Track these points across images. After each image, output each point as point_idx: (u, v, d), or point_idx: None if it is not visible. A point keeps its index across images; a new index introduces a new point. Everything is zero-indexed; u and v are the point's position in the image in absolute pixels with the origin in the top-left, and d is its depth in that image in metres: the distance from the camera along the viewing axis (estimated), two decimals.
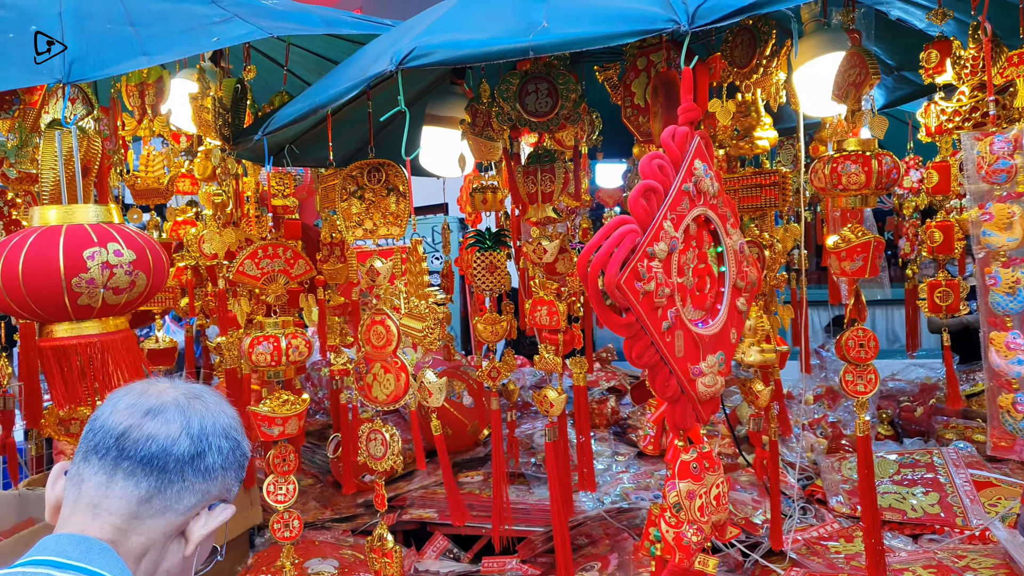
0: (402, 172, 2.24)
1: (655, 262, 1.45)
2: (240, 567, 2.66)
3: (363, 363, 2.19)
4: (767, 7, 1.58)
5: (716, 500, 1.64)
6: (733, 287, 1.65)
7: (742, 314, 1.68)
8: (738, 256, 1.67)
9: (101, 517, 0.99)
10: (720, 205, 1.66)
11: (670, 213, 1.50)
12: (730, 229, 1.68)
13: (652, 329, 1.46)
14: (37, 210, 1.86)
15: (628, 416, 3.72)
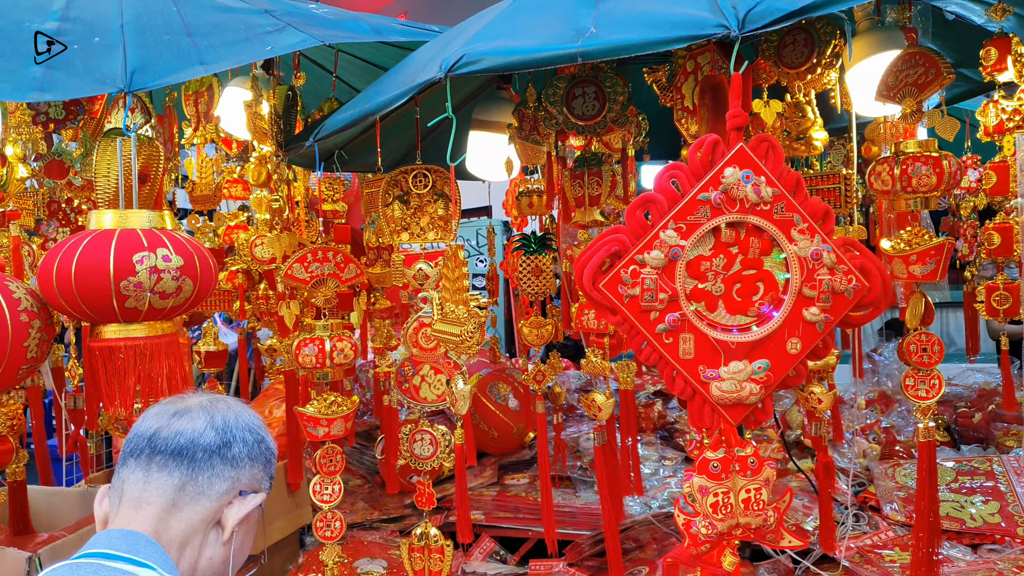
0: (450, 177, 2.26)
1: (647, 269, 1.59)
2: (291, 566, 2.72)
3: (409, 365, 2.22)
4: (820, 10, 1.56)
5: (745, 504, 1.63)
6: (799, 295, 1.62)
7: (814, 325, 1.63)
8: (807, 263, 1.62)
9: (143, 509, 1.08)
10: (779, 210, 1.63)
11: (675, 223, 1.60)
12: (796, 235, 1.64)
13: (644, 330, 1.61)
14: (94, 214, 1.92)
15: (675, 420, 3.69)
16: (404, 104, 2.05)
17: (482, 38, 1.86)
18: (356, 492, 3.24)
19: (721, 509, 1.61)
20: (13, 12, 2.04)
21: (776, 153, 1.68)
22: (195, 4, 2.26)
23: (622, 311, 1.60)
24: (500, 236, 5.37)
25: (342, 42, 2.29)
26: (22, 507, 2.36)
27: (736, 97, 1.66)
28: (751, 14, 1.55)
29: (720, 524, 1.62)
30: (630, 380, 2.61)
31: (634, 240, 1.61)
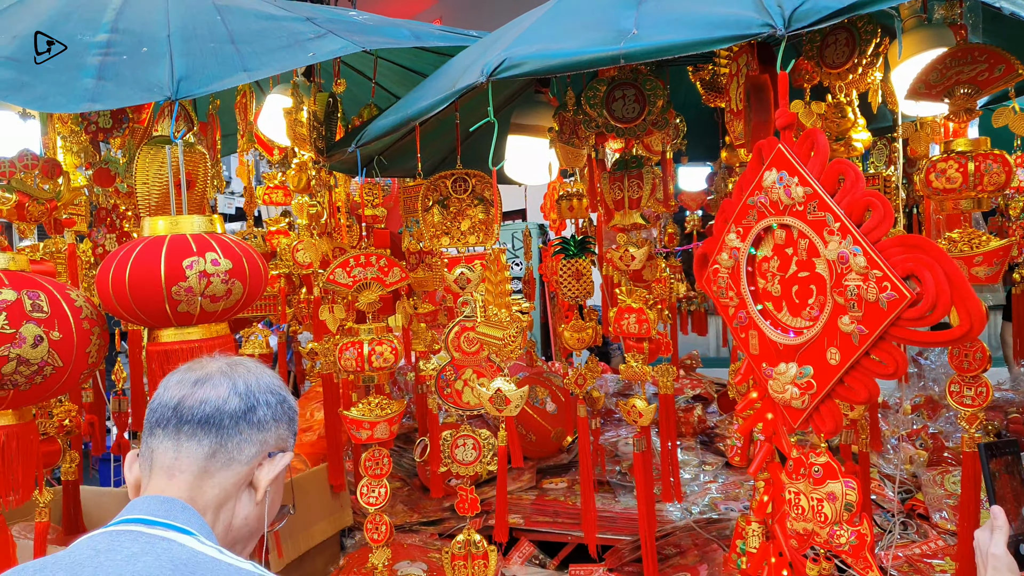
0: (490, 182, 2.27)
1: (722, 269, 1.71)
2: (332, 568, 2.74)
3: (450, 369, 2.23)
4: (868, 7, 1.53)
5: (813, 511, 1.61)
6: (833, 302, 1.56)
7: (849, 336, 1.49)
8: (835, 266, 1.51)
9: (176, 477, 1.09)
10: (812, 210, 1.59)
11: (734, 226, 1.68)
12: (828, 236, 1.60)
13: (728, 323, 1.74)
14: (148, 220, 1.96)
15: (715, 425, 3.65)
16: (443, 109, 2.06)
17: (523, 42, 1.86)
18: (395, 494, 3.26)
19: (793, 508, 1.62)
20: (66, 26, 2.08)
21: (820, 150, 1.65)
22: (239, 12, 2.29)
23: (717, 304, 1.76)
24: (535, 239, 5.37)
25: (382, 48, 2.30)
26: (75, 506, 2.41)
27: (783, 96, 1.64)
28: (797, 12, 1.53)
29: (794, 523, 1.63)
30: (670, 384, 2.59)
31: (715, 243, 1.75)
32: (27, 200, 2.44)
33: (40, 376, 1.69)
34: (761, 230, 1.67)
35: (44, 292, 1.70)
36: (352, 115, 2.95)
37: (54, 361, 1.70)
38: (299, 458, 2.82)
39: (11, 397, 1.68)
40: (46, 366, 1.68)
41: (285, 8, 2.42)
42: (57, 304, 1.72)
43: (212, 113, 2.89)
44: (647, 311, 2.29)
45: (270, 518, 1.18)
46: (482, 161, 2.63)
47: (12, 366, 1.62)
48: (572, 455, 3.41)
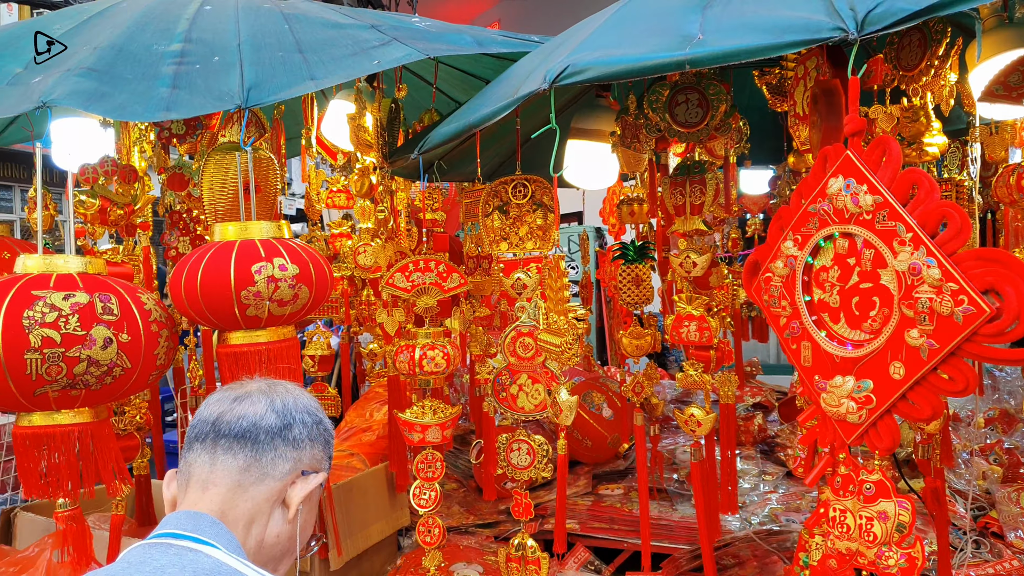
0: (549, 187, 2.26)
1: (775, 277, 1.68)
2: (389, 567, 2.78)
3: (506, 374, 2.23)
4: (946, 9, 1.48)
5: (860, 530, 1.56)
6: (901, 314, 1.50)
7: (917, 351, 1.44)
8: (905, 278, 1.46)
9: (210, 490, 1.12)
10: (882, 219, 1.55)
11: (792, 234, 1.65)
12: (898, 246, 1.54)
13: (777, 333, 1.72)
14: (218, 226, 2.02)
15: (776, 434, 3.57)
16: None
17: (586, 48, 1.85)
18: (452, 496, 3.28)
19: (837, 526, 1.58)
20: (142, 36, 2.15)
21: (892, 157, 1.60)
22: (306, 21, 2.34)
23: (766, 313, 1.74)
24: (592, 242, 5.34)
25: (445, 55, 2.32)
26: (146, 500, 2.50)
27: (853, 102, 1.60)
28: (872, 15, 1.48)
29: (837, 542, 1.58)
30: (731, 394, 2.54)
31: (769, 250, 1.72)
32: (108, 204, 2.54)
33: (110, 377, 1.75)
34: (821, 239, 1.64)
35: (115, 295, 1.76)
36: (413, 120, 2.99)
37: (123, 362, 1.76)
38: (358, 458, 2.87)
39: (83, 396, 1.75)
40: (115, 367, 1.74)
41: (350, 16, 2.45)
42: (127, 307, 1.77)
43: (277, 118, 2.95)
44: (709, 318, 2.26)
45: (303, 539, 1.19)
46: (541, 166, 2.63)
47: (83, 367, 1.68)
48: (629, 461, 3.38)
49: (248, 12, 2.32)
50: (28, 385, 1.64)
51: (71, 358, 1.65)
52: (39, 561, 2.12)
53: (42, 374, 1.64)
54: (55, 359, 1.64)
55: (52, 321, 1.63)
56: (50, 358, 1.63)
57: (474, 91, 2.74)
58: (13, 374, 1.61)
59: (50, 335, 1.63)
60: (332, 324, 4.79)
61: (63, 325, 1.64)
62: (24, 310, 1.60)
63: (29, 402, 1.69)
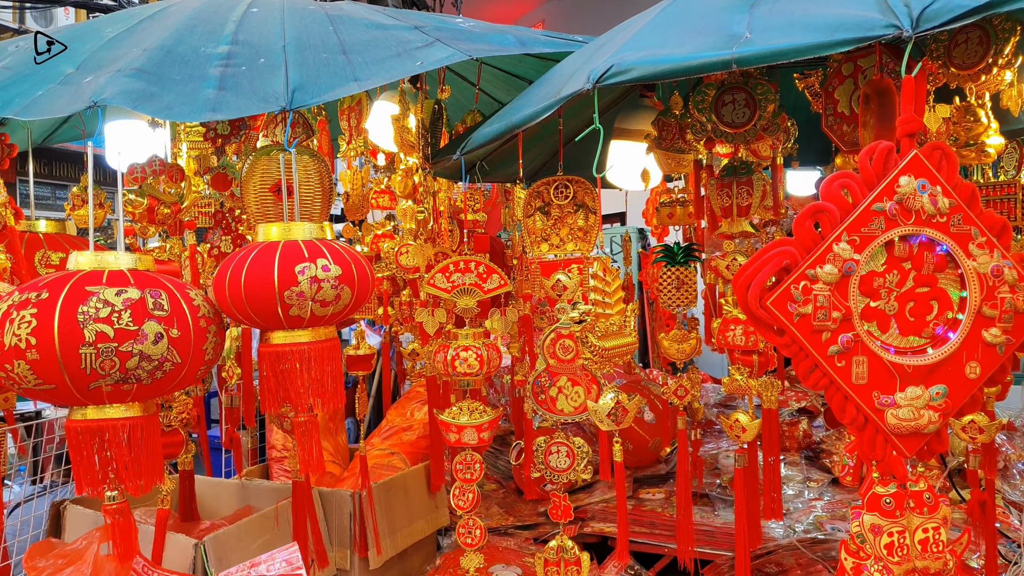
0: (591, 188, 2.24)
1: (818, 284, 1.47)
2: (429, 567, 2.78)
3: (545, 376, 2.22)
4: (1006, 5, 1.43)
5: (922, 544, 1.51)
6: (977, 315, 1.50)
7: (994, 347, 1.50)
8: (987, 280, 1.50)
9: None
10: (956, 222, 1.51)
11: (848, 235, 1.48)
12: (975, 249, 1.51)
13: (814, 352, 1.48)
14: (262, 227, 2.04)
15: (822, 440, 3.49)
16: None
17: (631, 47, 1.83)
18: (491, 497, 3.28)
19: (897, 551, 1.50)
20: (190, 38, 2.19)
21: (950, 162, 1.56)
22: (350, 23, 2.35)
23: (791, 331, 1.47)
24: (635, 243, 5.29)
25: (488, 55, 2.32)
26: (190, 495, 2.54)
27: (908, 102, 1.55)
28: (927, 12, 1.44)
29: (896, 568, 1.50)
30: (774, 399, 2.49)
31: (804, 253, 1.48)
32: (156, 204, 2.59)
33: (160, 372, 1.77)
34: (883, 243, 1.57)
35: (165, 291, 1.79)
36: (456, 120, 2.99)
37: (173, 357, 1.78)
38: (399, 456, 2.88)
39: (135, 391, 1.77)
40: (166, 362, 1.76)
41: (394, 17, 2.46)
42: (177, 303, 1.80)
43: (323, 119, 2.98)
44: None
45: None
46: (583, 166, 2.61)
47: (135, 361, 1.70)
48: (670, 466, 3.35)
49: (294, 14, 2.34)
50: (83, 379, 1.67)
51: (124, 353, 1.68)
52: (87, 554, 2.17)
53: (96, 368, 1.67)
54: (108, 354, 1.67)
55: (106, 316, 1.65)
56: (104, 352, 1.66)
57: (517, 91, 2.73)
58: (68, 368, 1.65)
59: (104, 330, 1.65)
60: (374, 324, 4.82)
61: (116, 320, 1.67)
62: (79, 305, 1.63)
63: (83, 396, 1.72)
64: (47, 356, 1.61)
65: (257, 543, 2.34)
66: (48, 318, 1.59)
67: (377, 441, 2.99)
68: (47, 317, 1.59)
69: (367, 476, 2.56)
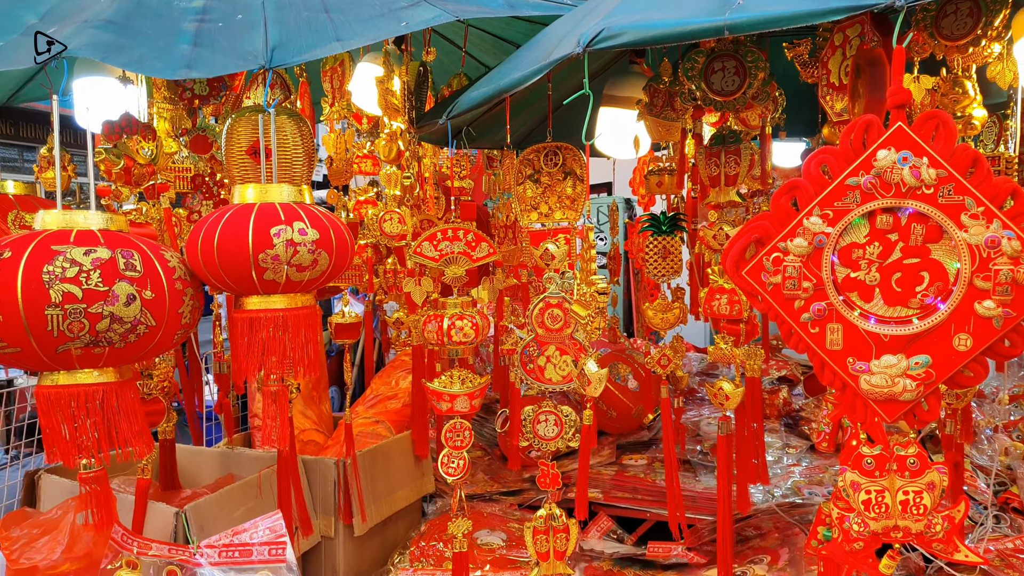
0: (580, 155, 2.22)
1: (789, 256, 1.56)
2: (414, 533, 2.79)
3: (534, 345, 2.22)
4: None
5: (903, 505, 1.56)
6: (969, 286, 1.50)
7: (989, 321, 1.49)
8: (979, 251, 1.49)
9: None
10: (946, 193, 1.52)
11: (820, 209, 1.54)
12: (967, 220, 1.51)
13: (788, 318, 1.58)
14: (237, 188, 1.99)
15: (801, 408, 3.55)
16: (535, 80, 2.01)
17: (622, 11, 1.80)
18: (476, 463, 3.30)
19: (874, 508, 1.56)
20: None
21: (947, 130, 1.55)
22: None
23: (766, 299, 1.59)
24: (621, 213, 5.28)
25: (475, 17, 2.26)
26: (171, 464, 2.51)
27: (898, 72, 1.54)
28: None
29: (873, 523, 1.56)
30: (757, 367, 2.51)
31: (778, 227, 1.57)
32: (132, 164, 2.51)
33: (134, 335, 1.72)
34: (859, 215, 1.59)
35: (138, 252, 1.74)
36: (441, 84, 2.93)
37: (147, 320, 1.73)
38: (384, 425, 2.88)
39: (107, 355, 1.72)
40: (139, 324, 1.72)
41: None
42: (150, 264, 1.75)
43: (304, 82, 2.91)
44: (739, 292, 2.23)
45: None
46: (571, 133, 2.58)
47: (106, 323, 1.65)
48: (653, 432, 3.38)
49: None
50: (50, 342, 1.62)
51: (93, 314, 1.63)
52: (62, 524, 2.14)
53: (64, 331, 1.61)
54: (77, 315, 1.62)
55: (73, 276, 1.60)
56: (71, 314, 1.61)
57: (504, 56, 2.68)
58: (34, 330, 1.59)
59: (71, 290, 1.60)
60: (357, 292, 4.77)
61: (84, 280, 1.61)
62: (44, 265, 1.57)
63: (51, 360, 1.67)
64: (10, 318, 1.56)
65: (240, 511, 2.33)
66: (10, 278, 1.54)
67: (362, 410, 2.98)
68: (9, 277, 1.54)
69: (352, 444, 2.55)
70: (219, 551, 1.98)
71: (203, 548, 1.97)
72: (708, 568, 2.55)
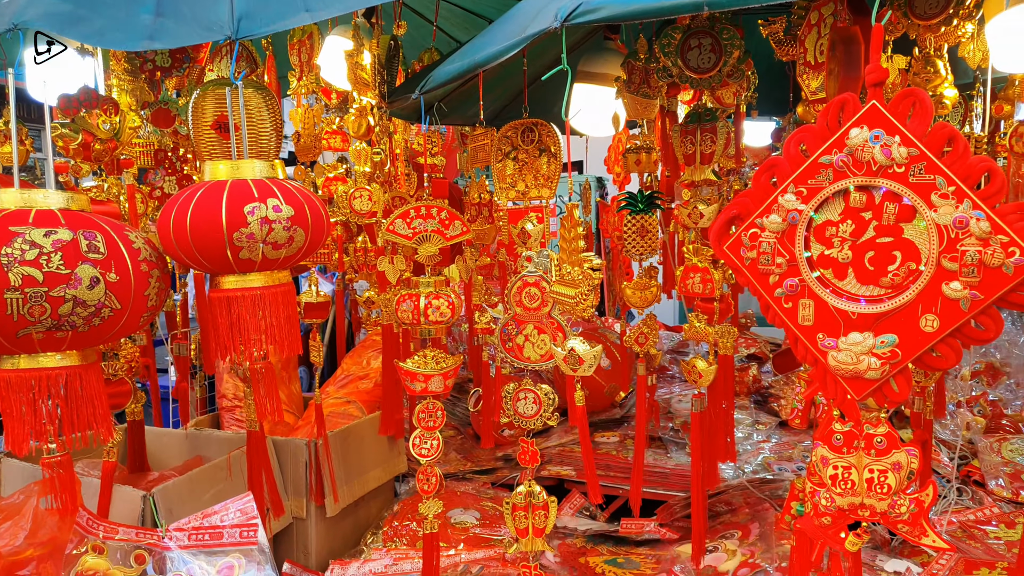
0: (555, 132, 2.19)
1: (765, 232, 1.58)
2: (387, 513, 2.78)
3: (512, 324, 2.20)
4: None
5: (868, 483, 1.58)
6: (937, 267, 1.51)
7: (956, 302, 1.47)
8: (947, 231, 1.47)
9: None
10: (917, 172, 1.52)
11: (795, 186, 1.56)
12: (936, 199, 1.52)
13: (763, 292, 1.61)
14: (208, 165, 1.93)
15: (770, 385, 3.60)
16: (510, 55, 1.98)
17: None
18: (449, 443, 3.29)
19: (840, 483, 1.58)
20: None
21: (923, 109, 1.56)
22: None
23: (743, 273, 1.62)
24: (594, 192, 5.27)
25: None
26: (139, 446, 2.46)
27: (876, 50, 1.54)
28: None
29: (839, 499, 1.58)
30: (730, 345, 2.53)
31: (756, 204, 1.60)
32: (91, 139, 2.42)
33: (98, 318, 1.68)
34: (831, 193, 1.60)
35: (101, 233, 1.68)
36: (412, 59, 2.88)
37: (112, 303, 1.69)
38: (355, 405, 2.84)
39: (70, 338, 1.68)
40: (103, 308, 1.67)
41: None
42: (114, 245, 1.69)
43: (270, 54, 2.83)
44: (712, 270, 2.24)
45: None
46: (545, 109, 2.54)
47: (68, 307, 1.61)
48: (624, 410, 3.40)
49: None
50: (10, 326, 1.56)
51: (55, 298, 1.58)
52: (25, 508, 2.08)
53: (24, 315, 1.56)
54: (38, 299, 1.56)
55: (33, 259, 1.54)
56: (32, 298, 1.55)
57: (476, 30, 2.64)
58: None
59: (31, 274, 1.54)
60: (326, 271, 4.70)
61: (45, 263, 1.56)
62: (1, 247, 1.52)
63: (12, 344, 1.62)
64: None
65: (209, 493, 2.29)
66: None
67: (332, 390, 2.94)
68: None
69: (323, 424, 2.52)
70: (189, 534, 1.95)
71: (172, 531, 1.93)
72: (680, 544, 2.58)
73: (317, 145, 2.93)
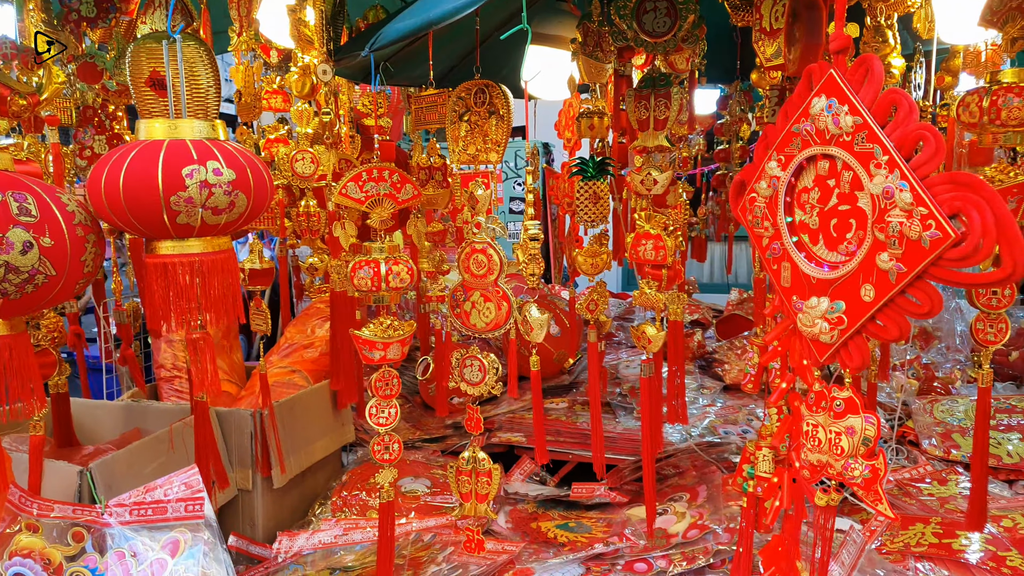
0: (505, 95, 2.14)
1: (759, 198, 1.66)
2: (335, 483, 2.73)
3: (461, 291, 2.17)
4: None
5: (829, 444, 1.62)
6: (873, 238, 1.50)
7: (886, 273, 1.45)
8: (878, 201, 1.44)
9: None
10: (860, 141, 1.52)
11: (776, 154, 1.62)
12: (873, 169, 1.53)
13: (760, 253, 1.70)
14: (143, 123, 1.82)
15: (714, 350, 3.66)
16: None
17: None
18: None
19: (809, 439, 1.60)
20: None
21: (872, 76, 1.57)
22: None
23: (751, 234, 1.72)
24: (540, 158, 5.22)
25: None
26: (66, 419, 2.34)
27: (840, 18, 1.54)
28: None
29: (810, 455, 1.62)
30: (680, 311, 2.55)
31: (755, 170, 1.68)
32: (8, 93, 2.26)
33: (31, 285, 1.58)
34: (804, 160, 1.62)
35: (32, 195, 1.58)
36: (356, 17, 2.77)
37: (46, 269, 1.59)
38: (300, 374, 2.77)
39: (1, 307, 1.58)
40: (37, 274, 1.57)
41: None
42: (47, 208, 1.59)
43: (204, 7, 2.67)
44: (665, 237, 2.23)
45: None
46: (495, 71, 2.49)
47: (0, 273, 1.51)
48: (573, 376, 3.42)
49: None
50: None
51: None
52: None
53: None
54: None
55: None
56: None
57: None
58: None
59: None
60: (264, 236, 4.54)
61: None
62: None
63: None
64: None
65: (150, 467, 2.20)
66: None
67: (276, 359, 2.86)
68: None
69: (268, 395, 2.45)
70: (130, 510, 1.87)
71: (112, 507, 1.85)
72: (630, 507, 2.61)
73: (257, 105, 2.80)
